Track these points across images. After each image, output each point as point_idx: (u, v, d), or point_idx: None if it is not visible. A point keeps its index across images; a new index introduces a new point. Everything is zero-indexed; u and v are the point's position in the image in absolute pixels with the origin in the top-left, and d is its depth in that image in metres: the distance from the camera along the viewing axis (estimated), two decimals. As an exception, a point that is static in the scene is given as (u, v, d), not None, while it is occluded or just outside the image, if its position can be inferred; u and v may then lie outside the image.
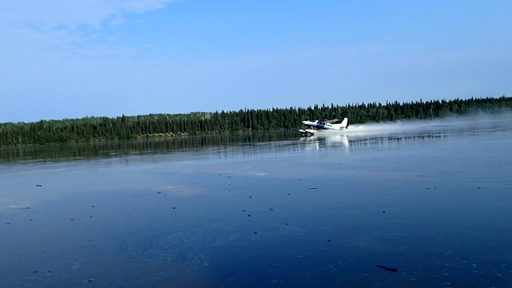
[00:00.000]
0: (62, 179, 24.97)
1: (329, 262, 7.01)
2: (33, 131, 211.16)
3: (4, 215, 13.31)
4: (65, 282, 6.83)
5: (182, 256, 7.92)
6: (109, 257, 8.15)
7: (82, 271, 7.34)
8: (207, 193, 15.62)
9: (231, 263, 7.41)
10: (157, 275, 6.98)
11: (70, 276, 7.10)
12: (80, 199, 15.82)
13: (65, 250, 8.86)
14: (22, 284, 6.83)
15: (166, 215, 12.10)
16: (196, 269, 7.17)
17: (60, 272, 7.32)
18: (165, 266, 7.42)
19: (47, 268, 7.61)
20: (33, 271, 7.45)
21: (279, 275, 6.66)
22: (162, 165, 33.07)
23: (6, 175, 31.98)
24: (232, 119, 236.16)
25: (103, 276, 7.01)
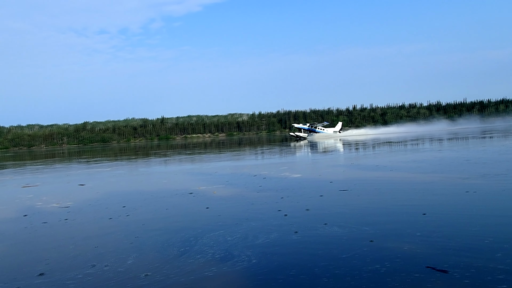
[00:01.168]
0: (104, 178, 25.80)
1: (376, 262, 7.17)
2: (77, 132, 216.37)
3: (49, 213, 13.86)
4: (123, 276, 7.16)
5: (229, 253, 8.19)
6: (160, 253, 8.48)
7: (137, 266, 7.68)
8: (240, 193, 15.91)
9: (278, 261, 7.62)
10: (209, 270, 7.25)
11: (127, 270, 7.44)
12: (117, 199, 16.32)
13: (116, 246, 9.23)
14: (83, 277, 7.19)
15: (202, 214, 12.41)
16: (245, 265, 7.42)
17: (117, 267, 7.68)
18: (215, 262, 7.69)
19: (103, 262, 7.98)
20: (91, 265, 7.82)
21: (327, 273, 6.84)
22: (200, 166, 33.47)
23: (54, 174, 32.93)
24: (269, 120, 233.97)
25: (158, 271, 7.33)
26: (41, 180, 27.44)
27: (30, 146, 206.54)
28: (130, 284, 6.75)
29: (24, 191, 20.85)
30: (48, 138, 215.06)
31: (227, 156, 45.81)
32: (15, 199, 17.91)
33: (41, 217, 13.24)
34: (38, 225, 12.13)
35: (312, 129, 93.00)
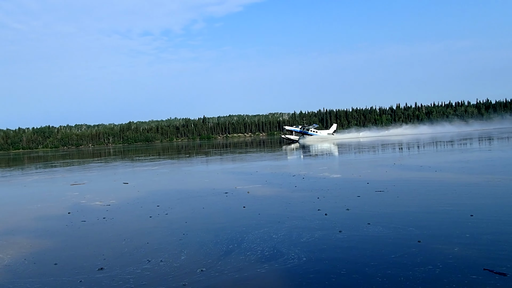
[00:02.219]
0: (147, 177, 26.50)
1: (427, 263, 7.16)
2: (122, 131, 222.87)
3: (92, 211, 14.32)
4: (179, 271, 7.38)
5: (278, 251, 8.32)
6: (210, 249, 8.68)
7: (191, 262, 7.89)
8: (277, 193, 16.10)
9: (327, 259, 7.69)
10: (261, 267, 7.40)
11: (182, 266, 7.66)
12: (156, 197, 16.71)
13: (166, 242, 9.49)
14: (141, 272, 7.44)
15: (241, 213, 12.61)
16: (296, 263, 7.53)
17: (172, 262, 7.91)
18: (265, 259, 7.83)
19: (158, 258, 8.23)
20: (147, 261, 8.08)
21: (379, 273, 6.87)
22: (241, 165, 33.83)
23: (101, 173, 34.02)
24: (310, 120, 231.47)
25: (212, 267, 7.51)
26: (89, 178, 28.38)
27: (78, 145, 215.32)
28: (187, 279, 6.95)
29: (72, 188, 21.66)
30: (95, 138, 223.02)
31: (268, 155, 45.97)
32: (62, 197, 18.59)
33: (84, 215, 13.72)
34: (83, 222, 12.58)
35: (304, 132, 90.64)
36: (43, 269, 7.91)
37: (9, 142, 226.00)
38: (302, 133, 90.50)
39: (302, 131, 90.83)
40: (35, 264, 8.27)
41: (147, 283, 6.89)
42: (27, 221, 13.18)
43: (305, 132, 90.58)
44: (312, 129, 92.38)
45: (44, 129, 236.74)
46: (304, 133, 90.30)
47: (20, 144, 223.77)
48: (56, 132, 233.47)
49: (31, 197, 19.66)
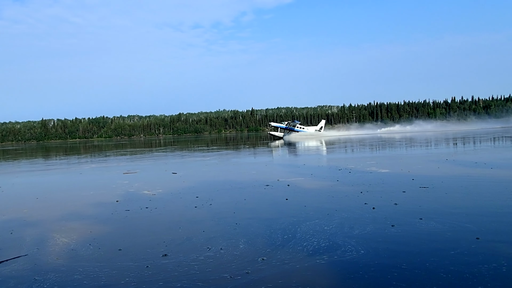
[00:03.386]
0: (196, 168, 27.04)
1: (491, 261, 7.04)
2: (172, 123, 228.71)
3: (139, 199, 14.73)
4: (241, 259, 7.53)
5: (334, 242, 8.36)
6: (266, 239, 8.80)
7: (250, 250, 8.03)
8: (319, 186, 16.17)
9: (385, 253, 7.67)
10: (320, 258, 7.46)
11: (243, 254, 7.81)
12: (200, 188, 17.00)
13: (221, 231, 9.68)
14: (204, 259, 7.63)
15: (286, 205, 12.74)
16: (355, 256, 7.55)
17: (232, 250, 8.08)
18: (323, 250, 7.88)
19: (217, 246, 8.42)
20: (207, 248, 8.28)
21: (442, 269, 6.80)
22: (289, 158, 34.03)
23: (153, 162, 35.18)
24: (360, 113, 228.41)
25: (273, 256, 7.63)
26: (141, 167, 29.25)
27: (131, 135, 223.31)
28: (250, 268, 7.09)
29: (123, 177, 22.41)
30: (146, 128, 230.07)
31: (316, 148, 45.87)
32: (113, 185, 19.21)
33: (132, 203, 14.13)
34: (128, 211, 12.95)
35: (290, 128, 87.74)
36: (109, 254, 8.19)
37: (66, 131, 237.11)
38: (288, 129, 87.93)
39: (287, 128, 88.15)
40: (100, 249, 8.57)
41: (211, 270, 7.06)
42: (81, 208, 13.67)
43: (291, 128, 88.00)
44: (298, 126, 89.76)
45: (99, 119, 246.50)
46: (290, 130, 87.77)
47: (77, 133, 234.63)
48: (110, 122, 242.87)
49: (85, 185, 20.37)
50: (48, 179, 24.92)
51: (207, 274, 6.89)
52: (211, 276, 6.80)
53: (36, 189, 19.63)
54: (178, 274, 6.92)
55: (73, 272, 7.29)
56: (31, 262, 7.99)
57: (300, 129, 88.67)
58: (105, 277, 6.95)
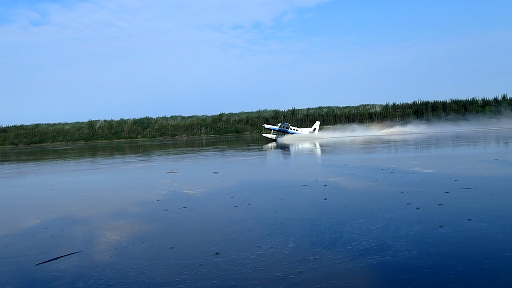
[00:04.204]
0: (236, 167, 27.26)
1: (553, 262, 6.89)
2: (214, 123, 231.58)
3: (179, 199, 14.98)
4: (292, 258, 7.55)
5: (383, 242, 8.27)
6: (314, 238, 8.80)
7: (301, 249, 8.04)
8: (357, 186, 16.06)
9: (438, 254, 7.51)
10: (372, 258, 7.39)
11: (293, 253, 7.83)
12: (239, 188, 17.12)
13: (267, 230, 9.74)
14: (256, 257, 7.68)
15: (326, 204, 12.69)
16: (407, 256, 7.45)
17: (282, 249, 8.11)
18: (373, 250, 7.81)
19: (267, 245, 8.46)
20: (256, 247, 8.33)
21: (500, 272, 6.60)
22: (331, 157, 33.77)
23: (195, 162, 35.73)
24: (404, 111, 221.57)
25: (324, 255, 7.62)
26: (183, 167, 29.73)
27: (173, 135, 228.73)
28: (302, 267, 7.09)
29: (166, 176, 22.83)
30: (189, 128, 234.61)
31: (359, 148, 45.47)
32: (155, 184, 19.58)
33: (173, 203, 14.34)
34: (174, 210, 13.17)
35: (283, 130, 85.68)
36: (161, 252, 8.34)
37: (112, 132, 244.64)
38: (281, 131, 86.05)
39: (281, 129, 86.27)
40: (152, 247, 8.73)
41: (264, 268, 7.10)
42: (125, 206, 14.02)
43: (284, 130, 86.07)
44: (292, 127, 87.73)
45: (143, 120, 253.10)
46: (283, 132, 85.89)
47: (122, 134, 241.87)
48: (154, 123, 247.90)
49: (129, 184, 20.98)
50: (95, 178, 25.66)
51: (260, 272, 6.93)
52: (264, 274, 6.83)
53: (84, 188, 20.17)
54: (231, 272, 6.99)
55: (127, 269, 7.44)
56: (85, 258, 8.22)
57: (294, 131, 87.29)
58: (159, 275, 7.07)
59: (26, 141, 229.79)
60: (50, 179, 25.69)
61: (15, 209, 14.84)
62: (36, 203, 15.90)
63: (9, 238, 10.24)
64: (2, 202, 16.74)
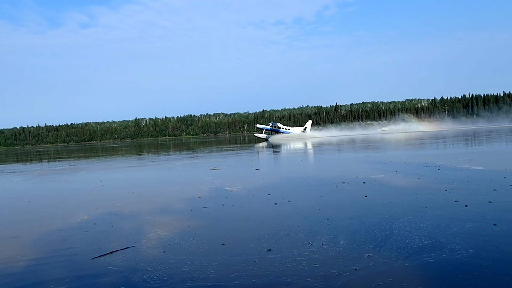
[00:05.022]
0: (279, 164, 27.45)
1: None
2: (256, 120, 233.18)
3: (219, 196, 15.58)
4: (346, 255, 7.51)
5: (436, 240, 8.10)
6: (364, 235, 8.72)
7: (353, 246, 7.98)
8: (399, 183, 15.90)
9: (497, 253, 7.29)
10: (428, 256, 7.25)
11: (346, 250, 7.78)
12: (278, 185, 17.23)
13: (316, 227, 9.74)
14: (309, 254, 7.68)
15: (368, 201, 12.58)
16: (464, 255, 7.25)
17: (333, 246, 8.08)
18: (428, 248, 7.67)
19: (318, 241, 8.46)
20: (308, 244, 8.34)
21: None
22: (376, 154, 33.43)
23: (238, 158, 36.34)
24: (453, 106, 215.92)
25: (377, 253, 7.54)
26: (227, 163, 30.18)
27: (216, 132, 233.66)
28: (357, 264, 7.04)
29: (209, 173, 23.27)
30: (231, 126, 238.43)
31: (404, 143, 44.72)
32: (197, 181, 19.94)
33: (213, 200, 14.53)
34: (213, 207, 13.33)
35: (274, 129, 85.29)
36: (214, 249, 8.44)
37: (157, 129, 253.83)
38: (273, 131, 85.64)
39: (272, 129, 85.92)
40: (203, 243, 8.86)
41: (319, 265, 7.09)
42: (169, 202, 14.31)
43: (276, 130, 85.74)
44: (284, 127, 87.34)
45: (187, 117, 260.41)
46: (275, 131, 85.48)
47: (167, 131, 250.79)
48: (197, 120, 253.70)
49: (173, 180, 21.43)
50: (142, 175, 26.33)
51: (315, 269, 6.92)
52: (319, 271, 6.82)
53: (132, 184, 20.82)
54: (286, 269, 7.01)
55: (181, 265, 7.59)
56: (139, 253, 8.42)
57: (286, 130, 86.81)
58: (214, 271, 7.17)
59: (77, 139, 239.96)
60: (100, 175, 26.60)
61: (68, 204, 15.40)
62: (87, 198, 16.46)
63: (64, 232, 10.61)
64: (56, 197, 17.38)
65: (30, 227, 11.52)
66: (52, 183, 23.48)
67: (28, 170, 35.32)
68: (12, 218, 13.34)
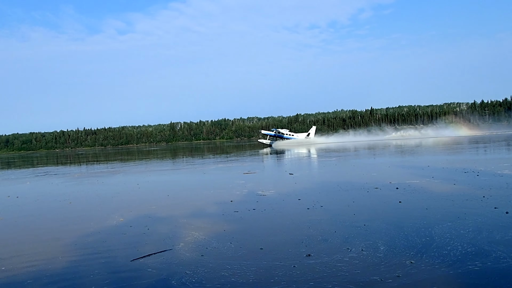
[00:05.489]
0: (312, 168, 27.35)
1: None
2: (290, 124, 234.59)
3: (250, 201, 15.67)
4: (388, 261, 7.39)
5: (479, 248, 7.88)
6: (404, 241, 8.57)
7: (393, 253, 7.86)
8: (434, 189, 15.58)
9: (545, 261, 7.06)
10: (473, 264, 7.06)
11: (387, 256, 7.66)
12: (310, 189, 16.98)
13: (353, 232, 9.62)
14: (349, 260, 7.61)
15: (402, 207, 12.37)
16: (511, 263, 7.03)
17: (373, 252, 7.96)
18: (471, 256, 7.48)
19: (357, 247, 8.36)
20: (347, 249, 8.25)
21: None
22: (413, 158, 32.81)
23: (272, 162, 36.32)
24: (494, 109, 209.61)
25: (419, 259, 7.39)
26: (261, 167, 30.31)
27: (250, 136, 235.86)
28: (400, 271, 6.92)
29: (242, 177, 23.38)
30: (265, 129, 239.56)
31: (443, 148, 43.68)
32: (230, 185, 20.08)
33: (244, 205, 14.55)
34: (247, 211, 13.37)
35: (278, 135, 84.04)
36: (252, 253, 8.45)
37: (192, 133, 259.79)
38: (277, 136, 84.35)
39: (276, 135, 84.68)
40: (241, 248, 8.87)
41: (360, 271, 6.99)
42: (203, 206, 14.41)
43: (280, 135, 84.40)
44: (288, 133, 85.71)
45: (221, 121, 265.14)
46: (279, 137, 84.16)
47: (201, 135, 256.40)
48: (231, 124, 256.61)
49: (207, 184, 21.60)
50: (176, 178, 26.85)
51: (356, 276, 6.83)
52: (360, 278, 6.73)
53: (167, 187, 21.24)
54: (326, 275, 6.94)
55: (220, 268, 7.61)
56: (177, 256, 8.50)
57: (290, 136, 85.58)
58: (253, 275, 7.16)
59: (114, 143, 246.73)
60: (137, 178, 27.13)
61: (106, 206, 15.81)
62: (124, 200, 16.86)
63: (102, 234, 10.83)
64: (95, 199, 17.83)
65: (71, 229, 11.82)
66: (91, 185, 24.11)
67: (68, 173, 36.31)
68: (55, 219, 13.80)
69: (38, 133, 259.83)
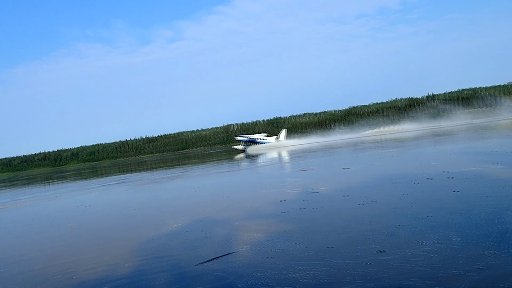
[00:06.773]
0: (368, 161, 26.40)
1: None
2: (345, 117, 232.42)
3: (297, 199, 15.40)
4: (463, 252, 7.07)
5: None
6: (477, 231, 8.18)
7: (468, 244, 7.50)
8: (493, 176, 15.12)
9: None
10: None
11: (462, 248, 7.33)
12: (361, 184, 16.42)
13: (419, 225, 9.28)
14: (424, 254, 7.35)
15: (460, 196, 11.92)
16: None
17: (447, 244, 7.64)
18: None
19: (428, 240, 8.05)
20: (419, 243, 7.98)
21: None
22: (475, 144, 30.81)
23: (328, 158, 35.25)
24: None
25: (500, 249, 7.02)
26: (316, 164, 29.88)
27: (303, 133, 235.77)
28: (480, 262, 6.64)
29: (295, 175, 23.36)
30: (318, 125, 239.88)
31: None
32: (281, 183, 20.02)
33: (299, 203, 14.46)
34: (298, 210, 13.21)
35: (251, 140, 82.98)
36: (321, 253, 8.29)
37: (247, 133, 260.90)
38: (250, 141, 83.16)
39: (250, 140, 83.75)
40: (308, 248, 8.73)
41: (439, 266, 6.70)
42: (256, 207, 14.36)
43: (253, 140, 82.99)
44: (259, 137, 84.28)
45: (274, 120, 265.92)
46: (252, 142, 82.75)
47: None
48: (284, 122, 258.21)
49: (260, 184, 21.66)
50: (232, 180, 26.93)
51: (435, 270, 6.57)
52: (440, 272, 6.47)
53: (222, 189, 21.39)
54: (403, 271, 6.69)
55: (289, 270, 7.48)
56: (242, 259, 8.47)
57: (263, 140, 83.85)
58: (324, 276, 6.97)
59: (171, 149, 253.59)
60: (194, 182, 27.58)
61: (167, 211, 16.12)
62: (183, 205, 17.11)
63: (163, 239, 11.01)
64: (156, 205, 18.25)
65: (135, 235, 12.11)
66: (152, 191, 24.72)
67: (131, 181, 37.45)
68: (121, 225, 14.43)
69: (101, 144, 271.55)
